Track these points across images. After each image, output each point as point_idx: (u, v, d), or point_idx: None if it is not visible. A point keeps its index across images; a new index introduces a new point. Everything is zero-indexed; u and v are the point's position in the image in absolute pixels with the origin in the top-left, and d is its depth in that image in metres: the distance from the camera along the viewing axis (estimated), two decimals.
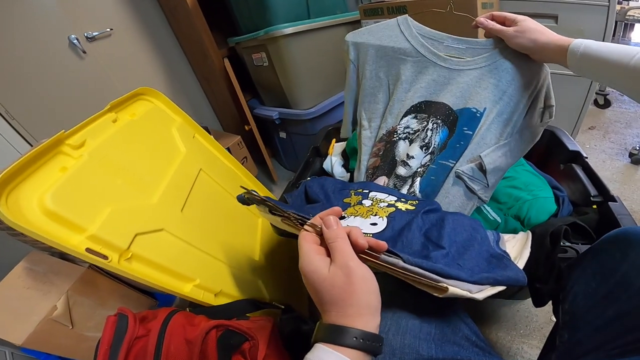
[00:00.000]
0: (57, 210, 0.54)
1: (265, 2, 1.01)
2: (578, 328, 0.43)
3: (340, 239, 0.34)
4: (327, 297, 0.31)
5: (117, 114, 0.74)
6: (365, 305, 0.31)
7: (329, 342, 0.29)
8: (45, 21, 1.09)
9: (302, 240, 0.35)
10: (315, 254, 0.34)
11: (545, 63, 0.59)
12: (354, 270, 0.31)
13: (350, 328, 0.29)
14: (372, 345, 0.30)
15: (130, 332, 0.49)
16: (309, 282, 0.33)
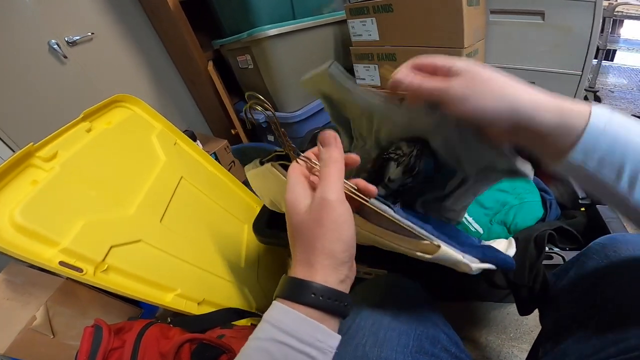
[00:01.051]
0: (28, 225, 0.54)
1: (248, 3, 0.99)
2: (562, 339, 0.42)
3: (333, 163, 0.28)
4: (297, 236, 0.27)
5: (91, 123, 0.72)
6: (330, 254, 0.26)
7: (286, 299, 0.26)
8: (24, 26, 1.07)
9: (291, 170, 0.30)
10: (299, 185, 0.29)
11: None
12: (330, 206, 0.26)
13: (309, 282, 0.25)
14: (334, 304, 0.26)
15: (104, 344, 0.49)
16: (287, 216, 0.28)
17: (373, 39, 1.11)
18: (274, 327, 0.25)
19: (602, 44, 1.61)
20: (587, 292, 0.41)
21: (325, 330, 0.25)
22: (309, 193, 0.29)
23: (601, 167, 0.24)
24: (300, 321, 0.25)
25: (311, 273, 0.26)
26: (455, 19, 0.89)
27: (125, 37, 1.30)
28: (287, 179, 0.30)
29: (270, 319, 0.25)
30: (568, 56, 1.01)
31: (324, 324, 0.25)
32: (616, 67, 2.03)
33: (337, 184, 0.27)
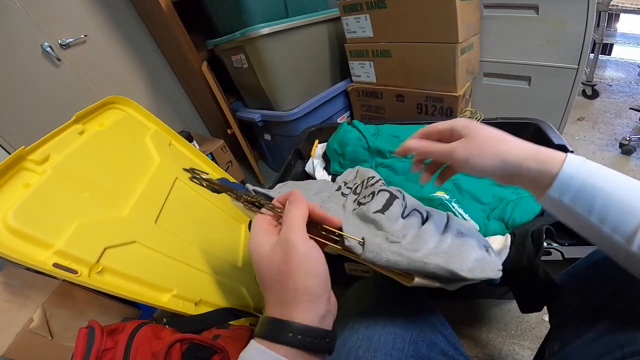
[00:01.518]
0: (21, 228, 0.54)
1: (241, 2, 0.98)
2: (569, 341, 0.41)
3: (295, 208, 0.29)
4: (267, 279, 0.27)
5: (84, 125, 0.72)
6: (303, 290, 0.25)
7: (264, 339, 0.25)
8: (16, 29, 1.06)
9: (254, 221, 0.31)
10: (262, 232, 0.29)
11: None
12: (295, 245, 0.26)
13: (286, 321, 0.25)
14: (314, 342, 0.25)
15: (97, 344, 0.50)
16: (253, 263, 0.29)
17: (367, 36, 1.10)
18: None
19: (599, 37, 1.61)
20: (596, 293, 0.40)
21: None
22: (271, 238, 0.29)
23: (574, 204, 0.29)
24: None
25: (288, 312, 0.25)
26: (449, 14, 0.88)
27: (118, 39, 1.29)
28: (251, 229, 0.30)
29: (246, 359, 0.25)
30: (564, 50, 1.00)
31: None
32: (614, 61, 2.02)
33: (297, 226, 0.28)
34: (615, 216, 0.27)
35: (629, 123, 1.51)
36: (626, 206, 0.27)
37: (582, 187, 0.29)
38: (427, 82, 1.07)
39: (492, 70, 1.19)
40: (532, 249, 0.50)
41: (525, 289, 0.47)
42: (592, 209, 0.28)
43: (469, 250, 0.38)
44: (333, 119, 1.35)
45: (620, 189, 0.28)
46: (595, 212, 0.28)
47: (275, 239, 0.28)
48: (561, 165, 0.29)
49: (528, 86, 1.14)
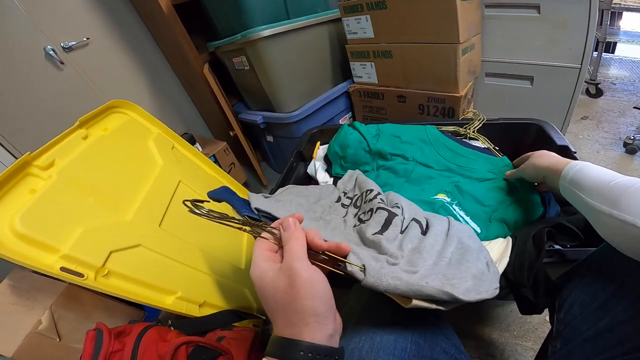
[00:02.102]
0: (28, 232, 0.55)
1: (241, 4, 0.98)
2: (571, 339, 0.42)
3: (294, 239, 0.31)
4: (272, 304, 0.29)
5: (87, 130, 0.72)
6: (311, 313, 0.27)
7: (276, 357, 0.26)
8: (19, 33, 1.07)
9: (255, 247, 0.33)
10: (263, 259, 0.31)
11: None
12: (298, 271, 0.28)
13: (298, 341, 0.26)
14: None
15: (105, 347, 0.51)
16: (257, 289, 0.30)
17: (368, 37, 1.10)
18: None
19: (602, 36, 1.60)
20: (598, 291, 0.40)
21: None
22: (273, 264, 0.31)
23: (571, 184, 0.44)
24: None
25: (297, 332, 0.27)
26: (449, 14, 0.88)
27: (121, 42, 1.30)
28: (253, 256, 0.32)
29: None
30: (566, 49, 1.00)
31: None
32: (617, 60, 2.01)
33: (299, 253, 0.30)
34: (591, 185, 0.40)
35: (633, 122, 1.50)
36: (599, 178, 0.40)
37: (575, 172, 0.44)
38: (429, 82, 1.06)
39: (494, 70, 1.19)
40: (533, 252, 0.50)
41: (525, 292, 0.47)
42: (580, 184, 0.42)
43: (467, 268, 0.39)
44: (335, 120, 1.36)
45: (596, 171, 0.41)
46: (581, 186, 0.42)
47: (278, 265, 0.30)
48: (566, 164, 0.47)
49: (531, 86, 1.14)
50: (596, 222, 0.39)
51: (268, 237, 0.34)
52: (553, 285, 0.47)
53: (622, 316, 0.36)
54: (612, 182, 0.37)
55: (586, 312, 0.41)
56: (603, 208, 0.37)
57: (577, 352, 0.40)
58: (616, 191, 0.36)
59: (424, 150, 0.77)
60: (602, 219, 0.37)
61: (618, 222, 0.34)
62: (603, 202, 0.37)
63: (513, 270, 0.49)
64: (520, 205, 0.63)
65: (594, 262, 0.44)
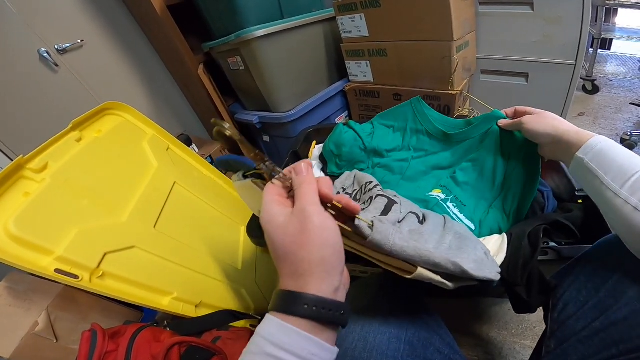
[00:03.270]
0: (23, 235, 0.55)
1: (235, 5, 0.98)
2: (565, 338, 0.41)
3: (307, 183, 0.29)
4: (281, 251, 0.27)
5: (81, 132, 0.72)
6: (319, 261, 0.25)
7: (278, 312, 0.25)
8: (12, 35, 1.07)
9: (265, 193, 0.30)
10: (275, 204, 0.29)
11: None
12: (311, 215, 0.26)
13: (301, 293, 0.25)
14: (329, 314, 0.25)
15: (99, 348, 0.51)
16: (266, 236, 0.28)
17: (363, 35, 1.10)
18: (266, 340, 0.24)
19: (597, 32, 1.60)
20: (593, 291, 0.40)
21: (320, 344, 0.25)
22: (285, 209, 0.28)
23: (591, 160, 0.40)
24: (292, 334, 0.24)
25: (302, 283, 0.25)
26: (443, 11, 0.88)
27: (115, 43, 1.30)
28: (263, 200, 0.30)
29: (262, 332, 0.25)
30: (560, 46, 1.00)
31: (319, 337, 0.25)
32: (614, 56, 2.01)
33: (312, 198, 0.28)
34: (617, 169, 0.37)
35: (630, 118, 1.50)
36: (627, 163, 0.37)
37: (599, 151, 0.39)
38: (424, 80, 1.06)
39: (489, 68, 1.19)
40: (528, 250, 0.49)
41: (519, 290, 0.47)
42: (602, 165, 0.38)
43: (468, 254, 0.38)
44: (331, 119, 1.35)
45: (624, 154, 0.38)
46: (604, 168, 0.38)
47: (289, 210, 0.28)
48: (590, 137, 0.41)
49: (526, 83, 1.14)
50: (612, 211, 0.37)
51: (278, 184, 0.31)
52: (547, 284, 0.47)
53: (617, 316, 0.36)
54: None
55: (581, 312, 0.41)
56: (630, 199, 0.34)
57: (571, 352, 0.39)
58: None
59: (419, 137, 0.77)
60: (625, 211, 0.34)
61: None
62: (631, 193, 0.34)
63: (507, 269, 0.48)
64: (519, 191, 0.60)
65: (589, 261, 0.44)
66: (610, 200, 0.36)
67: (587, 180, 0.40)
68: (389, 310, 0.42)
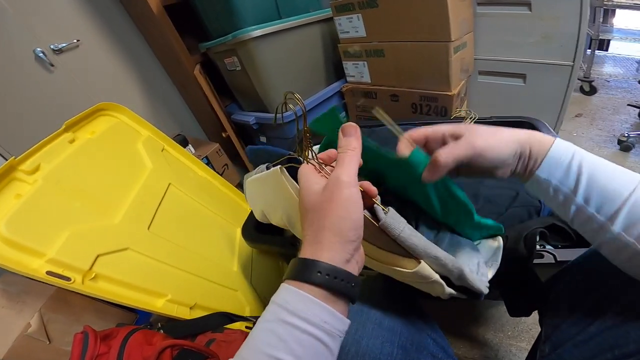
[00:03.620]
0: (14, 237, 0.55)
1: (231, 5, 0.98)
2: (560, 343, 0.41)
3: (351, 150, 0.29)
4: (309, 215, 0.28)
5: (74, 134, 0.72)
6: (337, 231, 0.26)
7: (294, 279, 0.26)
8: (7, 35, 1.06)
9: (303, 167, 0.31)
10: (314, 175, 0.30)
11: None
12: (342, 187, 0.27)
13: (316, 261, 0.26)
14: (340, 284, 0.25)
15: (90, 350, 0.51)
16: (300, 204, 0.29)
17: (360, 36, 1.10)
18: (280, 307, 0.25)
19: (595, 33, 1.60)
20: (588, 295, 0.40)
21: (333, 313, 0.25)
22: (322, 181, 0.29)
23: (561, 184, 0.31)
24: (306, 301, 0.25)
25: (318, 250, 0.26)
26: (441, 12, 0.88)
27: (111, 43, 1.29)
28: (300, 172, 0.31)
29: (277, 300, 0.25)
30: (558, 47, 1.00)
31: (331, 306, 0.25)
32: (611, 57, 2.01)
33: (351, 168, 0.28)
34: (599, 196, 0.29)
35: (628, 119, 1.50)
36: (610, 187, 0.29)
37: (569, 167, 0.30)
38: (421, 81, 1.06)
39: (486, 68, 1.18)
40: (524, 254, 0.49)
41: (514, 293, 0.47)
42: (579, 187, 0.30)
43: (463, 259, 0.38)
44: None
45: (606, 172, 0.30)
46: (581, 191, 0.30)
47: (324, 181, 0.29)
48: (549, 146, 0.31)
49: (524, 84, 1.14)
50: (600, 242, 0.31)
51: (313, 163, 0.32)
52: (542, 288, 0.46)
53: (612, 321, 0.35)
54: (632, 198, 0.28)
55: (576, 316, 0.40)
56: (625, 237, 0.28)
57: (566, 356, 0.39)
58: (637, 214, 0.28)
59: None
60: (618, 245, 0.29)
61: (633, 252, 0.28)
62: (626, 228, 0.28)
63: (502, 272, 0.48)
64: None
65: (584, 266, 0.44)
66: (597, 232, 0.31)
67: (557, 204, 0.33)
68: (383, 313, 0.41)
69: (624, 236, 0.28)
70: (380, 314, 0.41)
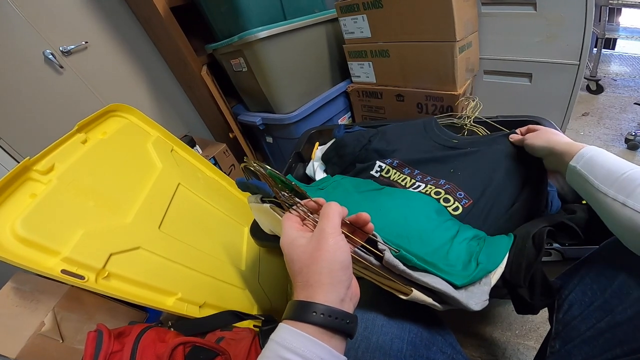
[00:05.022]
0: (29, 236, 0.56)
1: (237, 7, 0.99)
2: (570, 339, 0.42)
3: (333, 207, 0.32)
4: (297, 266, 0.30)
5: (86, 134, 0.73)
6: (327, 273, 0.28)
7: (292, 319, 0.27)
8: (18, 38, 1.08)
9: (285, 220, 0.34)
10: (295, 229, 0.33)
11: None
12: (327, 235, 0.30)
13: (312, 303, 0.27)
14: (336, 322, 0.27)
15: (105, 348, 0.52)
16: (285, 256, 0.31)
17: (365, 36, 1.10)
18: (279, 345, 0.26)
19: (600, 32, 1.59)
20: (598, 292, 0.40)
21: (329, 350, 0.26)
22: (305, 234, 0.32)
23: (582, 168, 0.42)
24: (303, 339, 0.26)
25: (312, 293, 0.28)
26: (445, 12, 0.88)
27: (119, 45, 1.31)
28: (282, 227, 0.33)
29: (276, 338, 0.27)
30: (564, 46, 0.99)
31: (327, 343, 0.26)
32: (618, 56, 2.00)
33: (333, 220, 0.31)
34: (605, 173, 0.39)
35: (635, 118, 1.49)
36: (613, 167, 0.39)
37: (589, 159, 0.42)
38: (426, 81, 1.06)
39: (492, 68, 1.18)
40: (532, 252, 0.49)
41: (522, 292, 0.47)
42: (592, 170, 0.40)
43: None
44: (334, 120, 1.36)
45: (611, 160, 0.40)
46: (594, 173, 0.40)
47: (309, 234, 0.32)
48: (581, 148, 0.44)
49: (529, 83, 1.13)
50: (605, 211, 0.38)
51: (295, 214, 0.35)
52: (550, 286, 0.47)
53: (622, 317, 0.36)
54: (630, 171, 0.37)
55: (585, 313, 0.41)
56: (617, 196, 0.36)
57: (575, 352, 0.40)
58: (633, 181, 0.36)
59: None
60: (615, 208, 0.36)
61: (631, 213, 0.34)
62: (618, 191, 0.36)
63: (510, 271, 0.48)
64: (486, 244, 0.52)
65: (594, 263, 0.44)
66: (601, 201, 0.38)
67: (581, 187, 0.43)
68: (392, 310, 0.42)
69: (617, 196, 0.36)
70: (389, 311, 0.42)
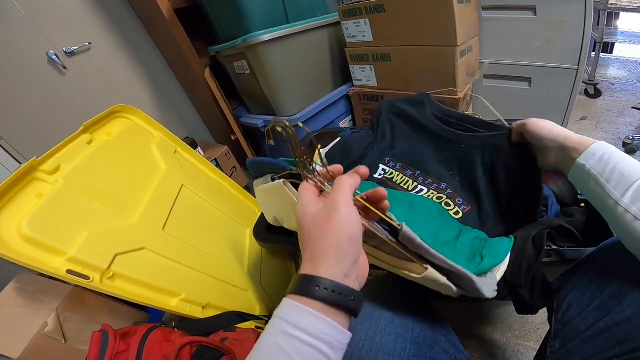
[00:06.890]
0: (35, 236, 0.56)
1: (241, 10, 1.00)
2: (569, 338, 0.42)
3: (345, 179, 0.32)
4: (306, 235, 0.29)
5: (92, 135, 0.73)
6: (334, 246, 0.27)
7: (295, 294, 0.27)
8: (22, 38, 1.09)
9: (302, 188, 0.33)
10: (310, 197, 0.32)
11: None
12: (339, 206, 0.29)
13: (315, 276, 0.27)
14: (339, 297, 0.26)
15: (110, 348, 0.52)
16: (298, 223, 0.31)
17: (367, 40, 1.11)
18: (282, 320, 0.26)
19: (599, 36, 1.60)
20: (597, 292, 0.41)
21: (333, 325, 0.26)
22: (318, 203, 0.31)
23: (592, 167, 0.39)
24: (306, 314, 0.26)
25: (316, 266, 0.27)
26: (447, 17, 0.89)
27: (122, 46, 1.32)
28: (299, 194, 0.33)
29: (279, 313, 0.27)
30: (563, 50, 1.01)
31: (331, 318, 0.26)
32: (616, 60, 2.01)
33: (345, 191, 0.30)
34: (618, 177, 0.37)
35: (633, 122, 1.51)
36: (628, 170, 0.36)
37: (601, 158, 0.39)
38: (428, 85, 1.07)
39: (492, 72, 1.20)
40: (532, 253, 0.50)
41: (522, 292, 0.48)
42: (604, 172, 0.38)
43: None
44: (335, 123, 1.36)
45: (625, 162, 0.37)
46: (606, 175, 0.38)
47: (322, 204, 0.31)
48: (591, 143, 0.41)
49: (529, 87, 1.15)
50: (615, 221, 0.37)
51: (312, 184, 0.34)
52: (549, 287, 0.48)
53: (620, 317, 0.36)
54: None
55: (585, 313, 0.41)
56: (631, 208, 0.34)
57: (575, 352, 0.40)
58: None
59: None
60: (627, 220, 0.35)
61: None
62: (632, 202, 0.35)
63: (511, 271, 0.49)
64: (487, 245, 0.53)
65: (593, 263, 0.45)
66: (611, 208, 0.37)
67: (589, 187, 0.40)
68: (395, 310, 0.43)
69: (630, 208, 0.35)
70: (393, 311, 0.42)
